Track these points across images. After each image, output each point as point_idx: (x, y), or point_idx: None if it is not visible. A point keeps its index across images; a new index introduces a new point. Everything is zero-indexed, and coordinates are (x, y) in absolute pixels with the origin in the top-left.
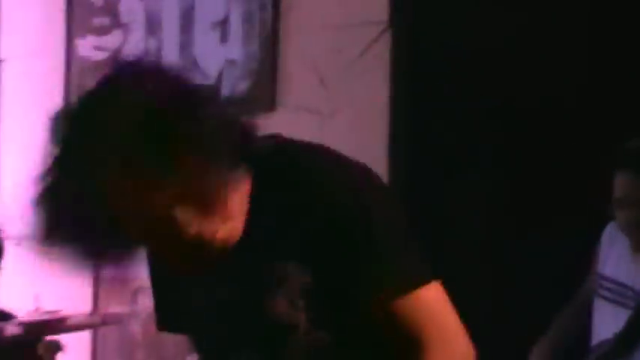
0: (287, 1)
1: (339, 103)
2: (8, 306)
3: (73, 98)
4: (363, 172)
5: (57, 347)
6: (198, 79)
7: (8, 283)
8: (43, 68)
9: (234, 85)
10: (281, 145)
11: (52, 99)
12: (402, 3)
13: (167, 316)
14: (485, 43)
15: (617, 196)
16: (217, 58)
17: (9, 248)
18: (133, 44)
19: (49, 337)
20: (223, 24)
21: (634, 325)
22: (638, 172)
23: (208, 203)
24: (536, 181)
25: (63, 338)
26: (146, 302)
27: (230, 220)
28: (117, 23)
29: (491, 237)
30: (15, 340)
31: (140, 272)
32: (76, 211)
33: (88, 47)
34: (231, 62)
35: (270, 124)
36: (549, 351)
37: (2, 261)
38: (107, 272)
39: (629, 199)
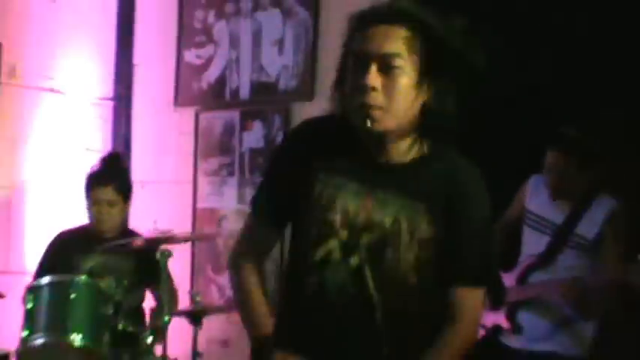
0: (322, 27)
1: None
2: (136, 227)
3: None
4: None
5: (169, 254)
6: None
7: (135, 213)
8: (160, 70)
9: (287, 82)
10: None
11: (167, 92)
12: None
13: (274, 207)
14: None
15: (547, 165)
16: (276, 65)
17: (136, 189)
18: (220, 54)
19: (163, 247)
20: (280, 42)
21: (552, 248)
22: (561, 151)
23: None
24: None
25: (172, 248)
26: (227, 226)
27: (401, 136)
28: (210, 40)
29: None
30: (141, 249)
31: (224, 204)
32: None
33: (191, 56)
34: (285, 67)
35: (310, 109)
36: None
37: (131, 198)
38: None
39: (554, 169)
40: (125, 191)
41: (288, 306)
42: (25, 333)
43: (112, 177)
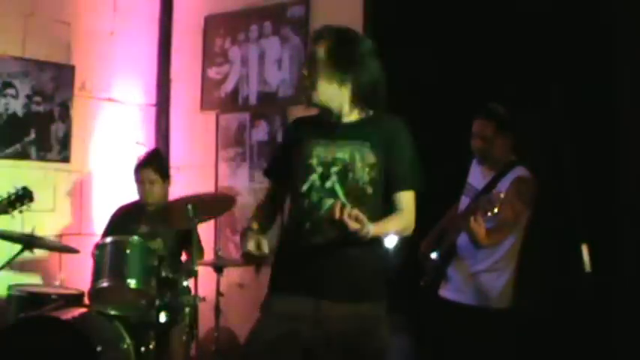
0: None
1: None
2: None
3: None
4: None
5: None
6: (267, 89)
7: (173, 190)
8: (190, 83)
9: (285, 92)
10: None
11: (195, 99)
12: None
13: (277, 170)
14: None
15: (473, 132)
16: (277, 79)
17: (173, 172)
18: (234, 71)
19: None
20: (279, 61)
21: (468, 210)
22: (483, 118)
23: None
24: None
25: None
26: (241, 200)
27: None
28: (226, 60)
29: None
30: None
31: (239, 183)
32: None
33: (212, 73)
34: (283, 80)
35: (303, 112)
36: (435, 236)
37: (169, 179)
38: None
39: (477, 133)
40: (162, 172)
41: (289, 217)
42: (94, 278)
43: (151, 162)
